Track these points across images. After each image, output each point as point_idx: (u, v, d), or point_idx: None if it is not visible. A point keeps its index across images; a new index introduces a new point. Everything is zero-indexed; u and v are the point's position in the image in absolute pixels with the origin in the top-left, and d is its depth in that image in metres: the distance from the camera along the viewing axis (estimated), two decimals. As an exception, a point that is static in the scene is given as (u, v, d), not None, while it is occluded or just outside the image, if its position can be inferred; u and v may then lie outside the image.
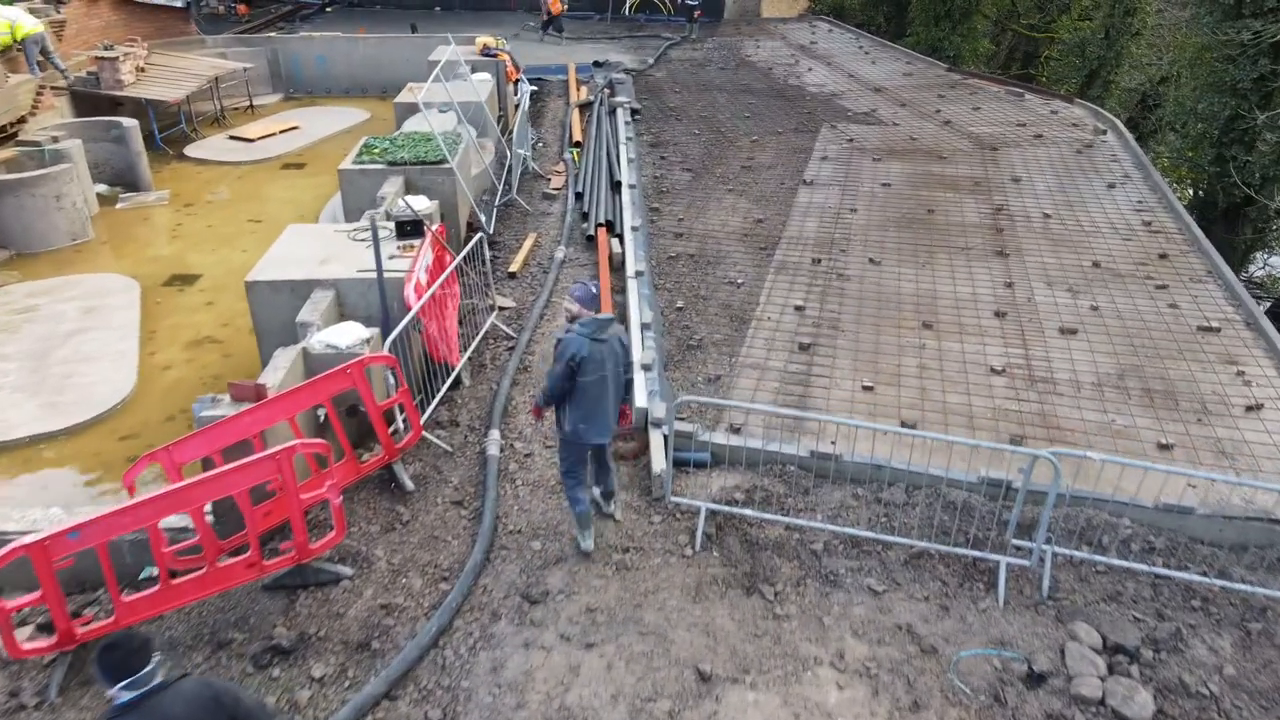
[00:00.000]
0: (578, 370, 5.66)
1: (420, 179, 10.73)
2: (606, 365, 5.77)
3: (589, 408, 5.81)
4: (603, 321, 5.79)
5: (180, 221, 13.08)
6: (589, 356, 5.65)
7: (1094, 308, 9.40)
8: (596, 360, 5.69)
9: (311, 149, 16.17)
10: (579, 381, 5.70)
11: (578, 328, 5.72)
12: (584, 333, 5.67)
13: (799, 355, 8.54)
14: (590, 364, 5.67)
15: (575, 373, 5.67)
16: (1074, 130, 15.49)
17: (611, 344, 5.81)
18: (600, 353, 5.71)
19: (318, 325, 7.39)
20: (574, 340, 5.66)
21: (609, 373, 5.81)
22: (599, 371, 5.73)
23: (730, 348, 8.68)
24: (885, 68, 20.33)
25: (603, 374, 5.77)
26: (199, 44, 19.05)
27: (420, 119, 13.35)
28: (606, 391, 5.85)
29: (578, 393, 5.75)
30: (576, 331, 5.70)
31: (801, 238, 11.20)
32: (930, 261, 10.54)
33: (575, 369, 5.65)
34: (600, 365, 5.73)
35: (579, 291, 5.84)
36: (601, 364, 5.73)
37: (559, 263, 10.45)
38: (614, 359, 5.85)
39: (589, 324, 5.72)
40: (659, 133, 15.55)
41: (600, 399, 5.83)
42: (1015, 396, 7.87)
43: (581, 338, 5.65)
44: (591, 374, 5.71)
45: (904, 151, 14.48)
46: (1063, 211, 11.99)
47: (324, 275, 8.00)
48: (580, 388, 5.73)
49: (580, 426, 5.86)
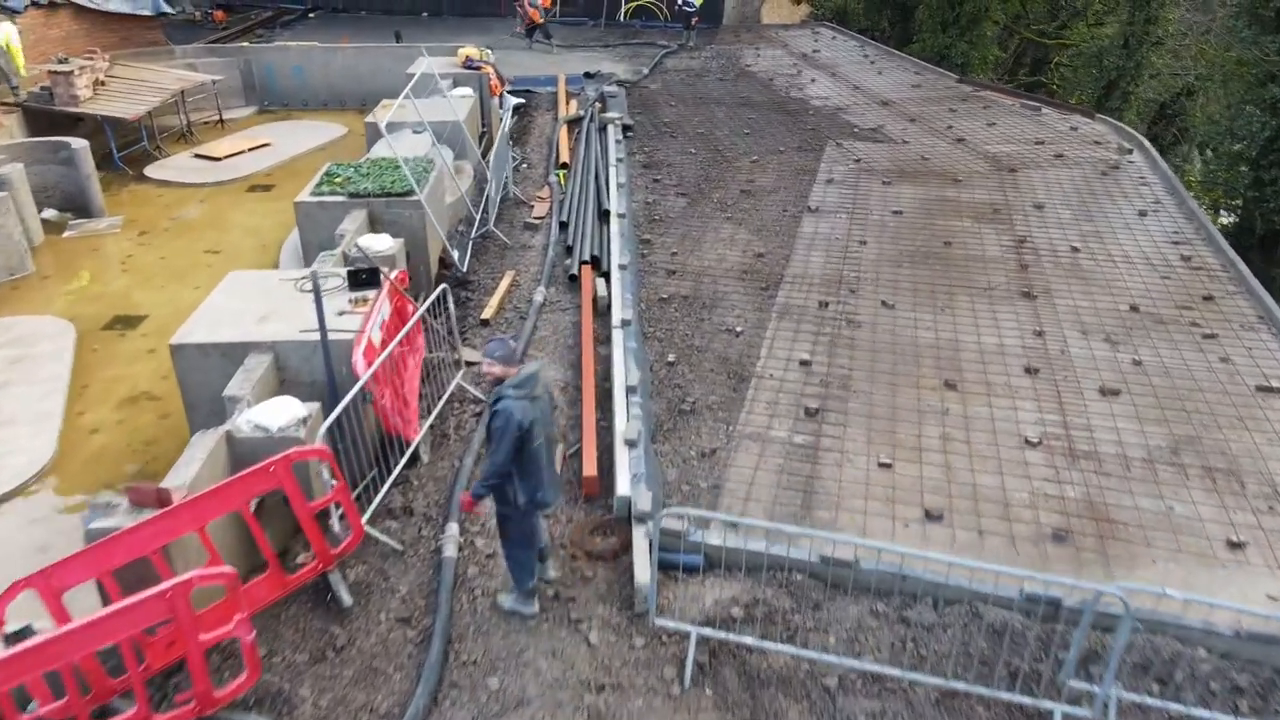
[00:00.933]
0: (525, 440, 5.07)
1: (386, 212, 9.72)
2: (546, 425, 5.32)
3: (539, 474, 5.26)
4: (533, 376, 5.20)
5: (131, 252, 12.05)
6: (532, 418, 5.09)
7: (1136, 362, 8.37)
8: (538, 422, 5.15)
9: (283, 168, 15.15)
10: (526, 451, 5.12)
11: (512, 391, 5.09)
12: (521, 395, 5.08)
13: (806, 422, 7.50)
14: (536, 427, 5.13)
15: (522, 444, 5.07)
16: (1097, 149, 14.46)
17: (544, 400, 5.33)
18: (541, 412, 5.23)
19: (248, 400, 6.37)
20: (515, 407, 5.02)
21: (546, 435, 5.31)
22: (541, 434, 5.22)
23: (728, 412, 7.65)
24: (892, 78, 19.30)
25: (547, 435, 5.32)
26: (167, 54, 18.04)
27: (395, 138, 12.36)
28: (549, 452, 5.38)
29: (527, 461, 5.16)
30: (512, 396, 5.07)
31: (806, 275, 10.16)
32: (950, 304, 9.50)
33: (524, 439, 5.06)
34: (544, 423, 5.26)
35: (498, 350, 5.25)
36: (545, 421, 5.28)
37: (538, 307, 9.42)
38: (549, 413, 5.43)
39: (524, 383, 5.13)
40: (652, 151, 14.51)
41: (548, 463, 5.36)
42: (1055, 477, 6.83)
43: (521, 402, 5.05)
44: (537, 438, 5.17)
45: (915, 173, 13.45)
46: (1092, 244, 10.96)
47: (261, 336, 6.97)
48: (529, 455, 5.15)
49: (537, 495, 5.31)
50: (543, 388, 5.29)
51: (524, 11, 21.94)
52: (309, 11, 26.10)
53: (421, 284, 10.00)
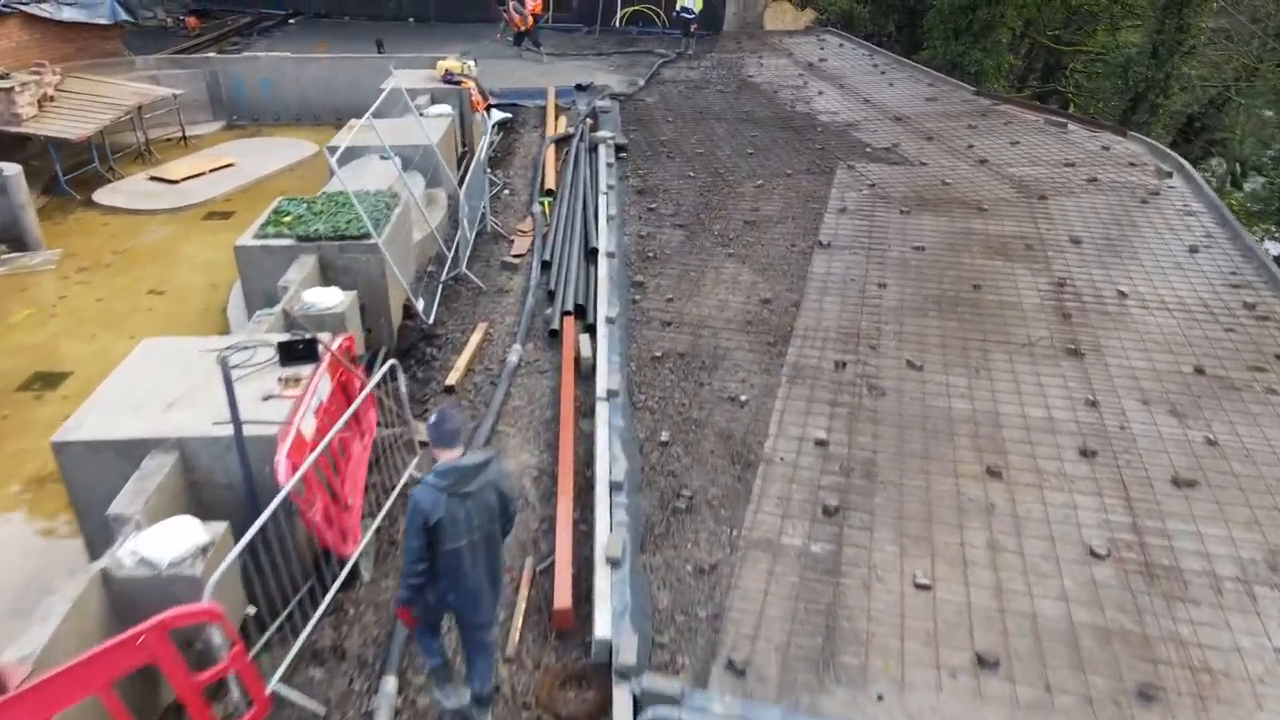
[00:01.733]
0: (435, 537, 4.31)
1: (339, 258, 8.50)
2: (475, 526, 4.39)
3: (457, 580, 4.48)
4: (467, 469, 4.34)
5: (66, 293, 10.82)
6: (450, 518, 4.29)
7: (1210, 441, 7.14)
8: (460, 521, 4.32)
9: (245, 192, 13.91)
10: (438, 550, 4.36)
11: (432, 479, 4.32)
12: (439, 485, 4.28)
13: (824, 524, 6.28)
14: (451, 527, 4.30)
15: (433, 540, 4.32)
16: (1132, 172, 13.23)
17: (482, 496, 4.40)
18: (465, 511, 4.34)
19: (138, 521, 5.15)
20: (424, 498, 4.28)
21: (481, 536, 4.44)
22: (465, 536, 4.36)
23: (732, 509, 6.42)
24: (904, 90, 18.07)
25: (471, 539, 4.40)
26: (126, 66, 16.80)
27: (360, 165, 11.16)
28: (479, 559, 4.48)
29: (439, 562, 4.42)
30: (429, 484, 4.31)
31: (820, 327, 8.93)
32: (985, 364, 8.27)
33: (431, 535, 4.30)
34: (466, 527, 4.36)
35: (434, 431, 4.42)
36: (468, 525, 4.36)
37: (512, 369, 8.19)
38: (486, 514, 4.45)
39: (447, 474, 4.31)
40: (647, 175, 13.28)
41: (472, 568, 4.47)
42: (1133, 603, 5.61)
43: (435, 493, 4.27)
44: (455, 540, 4.34)
45: (937, 201, 12.21)
46: (1141, 287, 9.72)
47: (165, 430, 5.74)
48: (443, 557, 4.39)
49: (450, 597, 4.54)
50: (482, 484, 4.39)
51: (509, 18, 20.70)
52: (289, 18, 24.88)
53: (383, 337, 8.79)
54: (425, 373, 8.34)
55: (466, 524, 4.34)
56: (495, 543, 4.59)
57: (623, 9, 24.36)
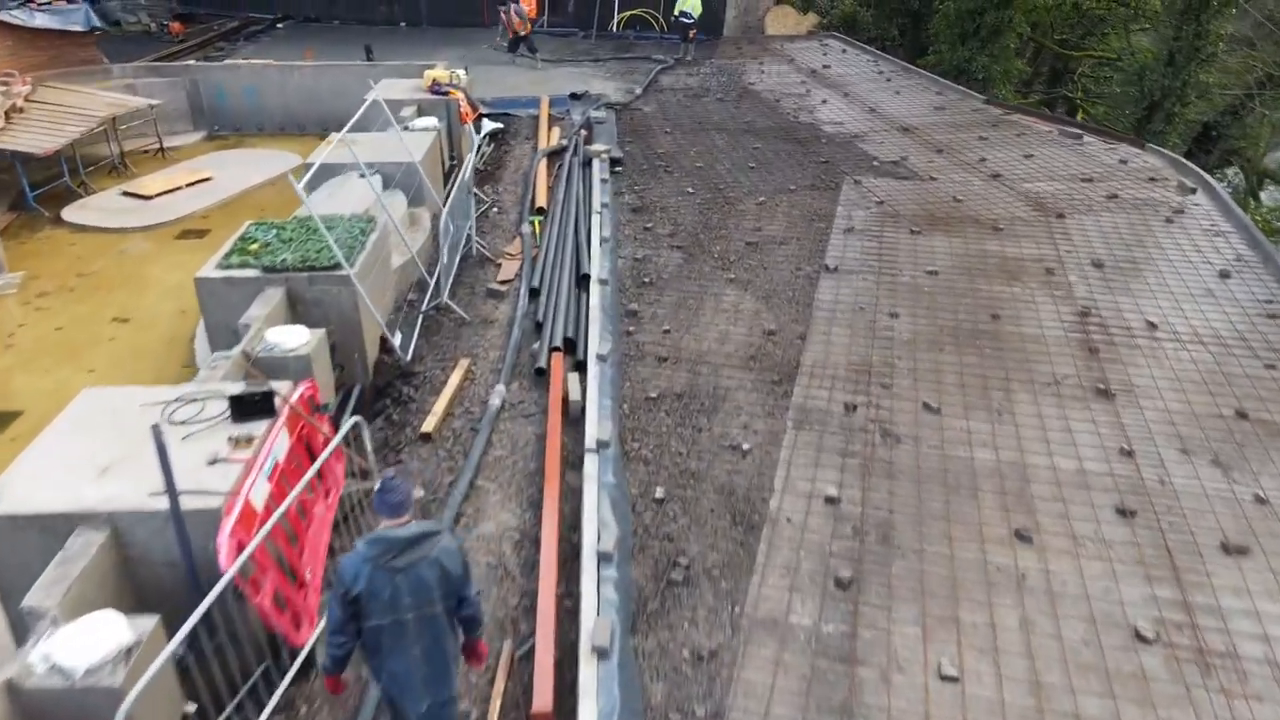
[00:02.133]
0: (358, 610, 3.96)
1: (309, 290, 7.86)
2: (405, 605, 3.97)
3: (383, 661, 4.08)
4: (396, 542, 3.95)
5: (24, 320, 10.17)
6: (372, 592, 3.92)
7: (1260, 499, 6.49)
8: (385, 598, 3.93)
9: (223, 208, 13.26)
10: (363, 625, 4.01)
11: (362, 548, 3.99)
12: (365, 555, 3.93)
13: (837, 599, 5.63)
14: (372, 602, 3.93)
15: (356, 613, 3.97)
16: (1154, 187, 12.59)
17: (416, 573, 3.97)
18: (393, 588, 3.94)
19: (55, 615, 4.50)
20: (347, 566, 3.96)
21: (413, 617, 4.01)
22: (389, 615, 3.97)
23: (734, 581, 5.78)
24: (911, 99, 17.42)
25: (398, 618, 3.98)
26: (103, 74, 16.15)
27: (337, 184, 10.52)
28: (409, 641, 4.04)
29: (365, 637, 4.05)
30: (358, 552, 3.97)
31: (828, 363, 8.29)
32: (1008, 406, 7.63)
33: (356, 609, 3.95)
34: (392, 605, 3.95)
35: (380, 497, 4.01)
36: (394, 603, 3.95)
37: (494, 414, 7.54)
38: (420, 593, 3.99)
39: (375, 543, 3.95)
40: (644, 191, 12.64)
41: (399, 651, 4.05)
42: (1187, 698, 4.96)
43: (359, 563, 3.93)
44: (378, 616, 3.97)
45: (949, 220, 11.57)
46: (1171, 317, 9.08)
47: (95, 502, 5.10)
48: (366, 633, 4.03)
49: (382, 677, 4.15)
50: (416, 560, 3.97)
51: (507, 21, 20.01)
52: (277, 22, 24.22)
53: (357, 374, 8.16)
54: (401, 415, 7.70)
55: (393, 601, 3.96)
56: (435, 626, 4.11)
57: (620, 13, 23.71)
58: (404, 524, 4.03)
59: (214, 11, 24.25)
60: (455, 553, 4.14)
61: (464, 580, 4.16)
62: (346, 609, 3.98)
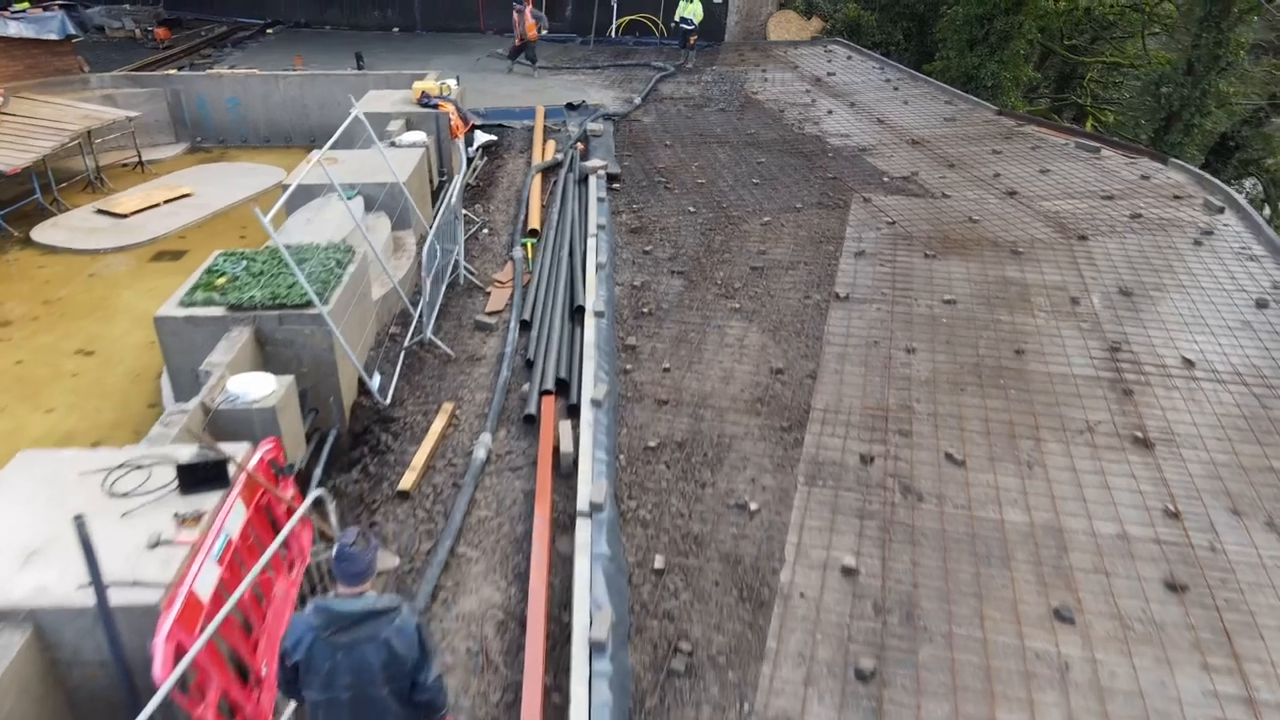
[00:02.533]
0: (297, 676, 3.71)
1: (278, 330, 7.23)
2: (342, 684, 3.63)
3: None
4: (340, 615, 3.63)
5: (-18, 353, 9.56)
6: (310, 664, 3.64)
7: (1323, 570, 5.88)
8: (321, 672, 3.63)
9: (202, 227, 12.66)
10: (304, 694, 3.75)
11: (308, 610, 3.72)
12: (309, 623, 3.67)
13: (859, 696, 5.01)
14: (309, 674, 3.66)
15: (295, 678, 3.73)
16: (1179, 206, 11.97)
17: (359, 652, 3.63)
18: (332, 663, 3.62)
19: (-44, 742, 3.89)
20: (293, 629, 3.73)
21: (349, 697, 3.66)
22: (324, 691, 3.65)
23: (741, 671, 5.16)
24: (921, 109, 16.79)
25: (331, 696, 3.65)
26: (80, 84, 15.53)
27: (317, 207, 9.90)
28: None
29: (307, 709, 3.78)
30: (301, 616, 3.73)
31: (841, 407, 7.67)
32: (1038, 457, 7.01)
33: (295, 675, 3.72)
34: (328, 681, 3.63)
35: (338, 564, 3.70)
36: (329, 680, 3.63)
37: (479, 468, 6.91)
38: (360, 673, 3.65)
39: (319, 612, 3.66)
40: (643, 210, 12.02)
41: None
42: (1261, 824, 4.35)
43: (302, 629, 3.67)
44: (311, 690, 3.69)
45: (965, 242, 10.95)
46: (1209, 353, 8.46)
47: (16, 596, 4.47)
48: (308, 705, 3.76)
49: None
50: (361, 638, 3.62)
51: (520, 22, 19.19)
52: (266, 28, 23.61)
53: (333, 419, 7.54)
54: (378, 467, 7.07)
55: (329, 678, 3.66)
56: (376, 708, 3.74)
57: (619, 18, 23.10)
58: (360, 593, 3.73)
59: (201, 17, 23.64)
60: (411, 634, 3.76)
61: (421, 664, 3.82)
62: (287, 673, 3.77)
